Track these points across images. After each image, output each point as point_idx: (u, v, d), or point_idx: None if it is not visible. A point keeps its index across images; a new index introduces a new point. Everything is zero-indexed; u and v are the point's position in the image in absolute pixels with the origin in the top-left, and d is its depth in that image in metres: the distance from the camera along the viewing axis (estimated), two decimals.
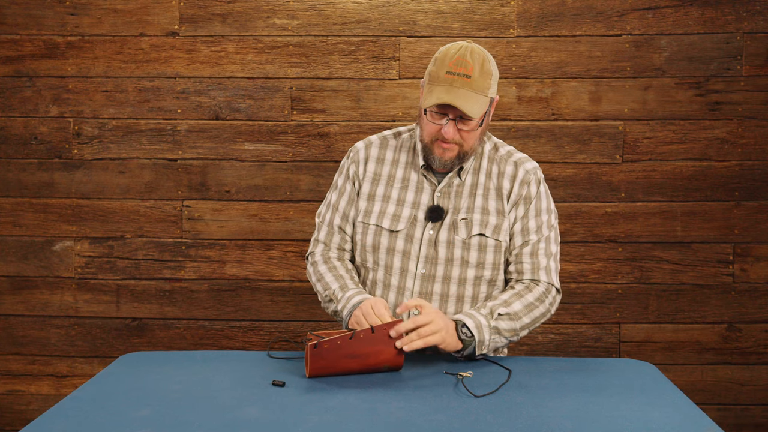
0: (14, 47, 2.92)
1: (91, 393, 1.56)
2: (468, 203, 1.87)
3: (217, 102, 2.90)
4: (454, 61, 1.73)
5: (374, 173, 1.93)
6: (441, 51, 1.78)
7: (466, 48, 1.76)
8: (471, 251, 1.85)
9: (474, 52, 1.75)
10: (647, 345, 2.89)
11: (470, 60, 1.73)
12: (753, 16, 2.82)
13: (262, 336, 2.94)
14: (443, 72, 1.74)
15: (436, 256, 1.86)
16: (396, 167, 1.93)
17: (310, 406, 1.47)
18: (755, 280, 2.87)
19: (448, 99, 1.71)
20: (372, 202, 1.91)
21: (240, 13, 2.88)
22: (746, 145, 2.85)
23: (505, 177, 1.89)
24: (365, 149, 1.96)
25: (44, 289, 2.95)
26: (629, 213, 2.87)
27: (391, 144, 1.96)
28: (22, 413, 2.99)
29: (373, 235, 1.89)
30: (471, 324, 1.73)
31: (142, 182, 2.93)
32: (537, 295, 1.85)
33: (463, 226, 1.86)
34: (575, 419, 1.42)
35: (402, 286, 1.87)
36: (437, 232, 1.86)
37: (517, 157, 1.93)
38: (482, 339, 1.74)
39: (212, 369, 1.72)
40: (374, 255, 1.90)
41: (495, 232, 1.86)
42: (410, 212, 1.88)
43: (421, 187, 1.89)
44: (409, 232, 1.87)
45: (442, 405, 1.49)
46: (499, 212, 1.88)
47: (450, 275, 1.86)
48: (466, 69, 1.72)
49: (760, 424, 2.91)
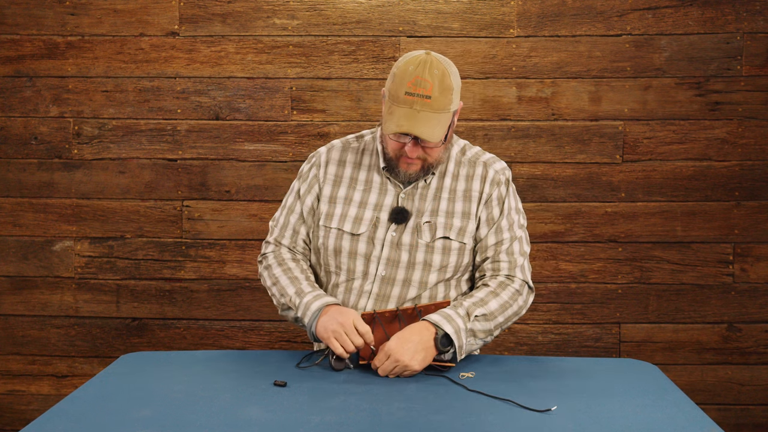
0: (14, 47, 2.91)
1: (91, 393, 1.56)
2: (432, 206, 1.85)
3: (217, 102, 2.90)
4: (413, 81, 1.68)
5: (335, 176, 1.91)
6: (399, 66, 1.73)
7: (424, 64, 1.70)
8: (434, 254, 1.83)
9: (433, 67, 1.70)
10: (647, 345, 2.89)
11: (429, 78, 1.68)
12: (753, 16, 2.82)
13: (262, 336, 2.94)
14: (402, 92, 1.69)
15: (398, 259, 1.83)
16: (358, 170, 1.90)
17: (312, 406, 1.47)
18: (755, 280, 2.87)
19: (408, 127, 1.69)
20: (333, 204, 1.88)
21: (240, 13, 2.88)
22: (746, 145, 2.85)
23: (474, 179, 1.88)
24: (327, 153, 1.94)
25: (44, 289, 2.95)
26: (629, 213, 2.87)
27: (353, 147, 1.94)
28: (22, 413, 2.99)
29: (335, 238, 1.86)
30: (451, 332, 1.70)
31: (142, 182, 2.92)
32: (511, 293, 1.83)
33: (426, 229, 1.83)
34: (576, 419, 1.42)
35: (361, 289, 1.85)
36: (400, 234, 1.83)
37: (485, 158, 1.92)
38: (460, 344, 1.72)
39: (213, 369, 1.72)
40: (336, 259, 1.87)
41: (459, 235, 1.85)
42: (372, 214, 1.85)
43: (384, 189, 1.87)
44: (370, 234, 1.84)
45: (443, 405, 1.49)
46: (464, 214, 1.86)
47: (410, 279, 1.84)
48: (425, 89, 1.68)
49: (760, 424, 2.91)
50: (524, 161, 2.87)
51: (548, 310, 2.90)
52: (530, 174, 2.88)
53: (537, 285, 2.88)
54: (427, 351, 1.68)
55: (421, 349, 1.67)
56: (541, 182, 2.88)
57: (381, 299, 1.84)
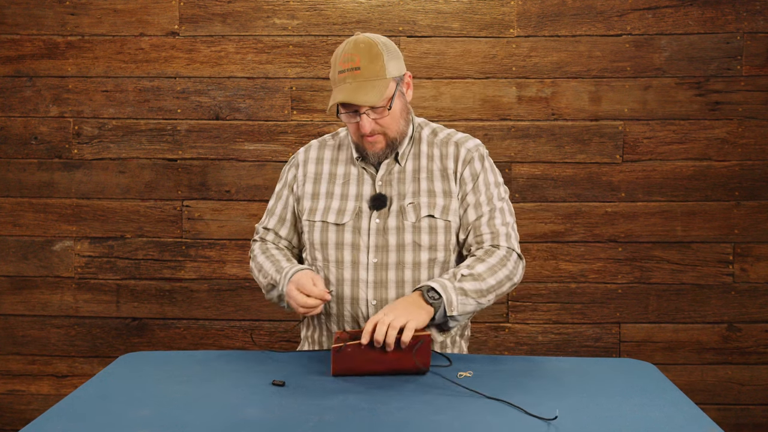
0: (14, 47, 2.92)
1: (91, 393, 1.56)
2: (413, 188, 1.88)
3: (217, 102, 2.90)
4: (342, 59, 1.76)
5: (315, 173, 1.95)
6: (335, 53, 1.81)
7: (352, 43, 1.77)
8: (422, 234, 1.85)
9: (359, 42, 1.76)
10: (647, 345, 2.89)
11: (356, 52, 1.75)
12: (753, 16, 2.82)
13: (262, 336, 2.94)
14: (336, 73, 1.77)
15: (386, 243, 1.85)
16: (336, 165, 1.94)
17: (311, 406, 1.47)
18: (755, 280, 2.87)
19: (341, 97, 1.74)
20: (316, 200, 1.92)
21: (240, 13, 2.88)
22: (746, 145, 2.85)
23: (448, 158, 1.90)
24: (304, 152, 1.99)
25: (44, 289, 2.95)
26: (629, 213, 2.87)
27: (329, 144, 1.98)
28: (22, 413, 2.99)
29: (320, 231, 1.89)
30: (436, 286, 1.72)
31: (142, 182, 2.93)
32: (498, 258, 1.83)
33: (411, 210, 1.86)
34: (576, 419, 1.42)
35: (355, 278, 1.86)
36: (384, 220, 1.86)
37: (457, 138, 1.94)
38: (449, 298, 1.72)
39: (212, 369, 1.72)
40: (323, 252, 1.89)
41: (444, 213, 1.87)
42: (354, 204, 1.88)
43: (362, 179, 1.90)
44: (355, 224, 1.87)
45: (442, 405, 1.49)
46: (446, 193, 1.88)
47: (403, 261, 1.85)
48: (354, 62, 1.74)
49: (760, 424, 2.91)
50: (524, 161, 2.87)
51: (548, 310, 2.90)
52: (530, 174, 2.88)
53: (537, 285, 2.88)
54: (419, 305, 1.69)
55: (409, 304, 1.69)
56: (541, 182, 2.88)
57: (379, 286, 1.85)
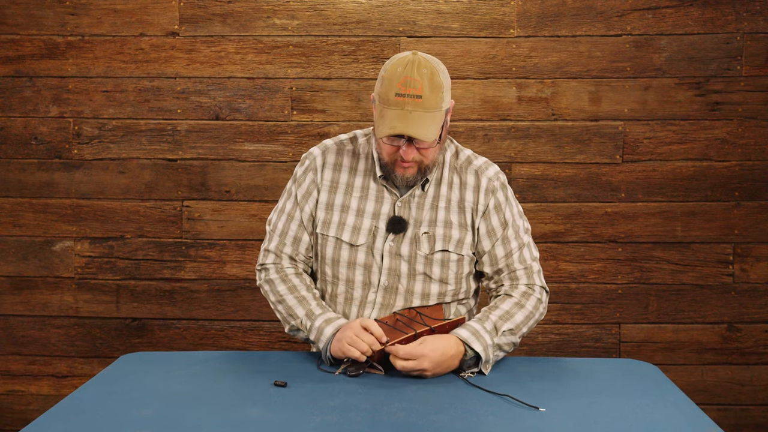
0: (14, 47, 2.91)
1: (91, 393, 1.56)
2: (430, 216, 1.82)
3: (217, 102, 2.90)
4: (402, 82, 1.66)
5: (331, 181, 1.86)
6: (387, 69, 1.70)
7: (412, 64, 1.67)
8: (434, 266, 1.81)
9: (421, 66, 1.67)
10: (647, 345, 2.89)
11: (418, 77, 1.66)
12: (753, 16, 2.82)
13: (262, 336, 2.94)
14: (392, 94, 1.66)
15: (398, 268, 1.81)
16: (354, 175, 1.86)
17: (312, 406, 1.47)
18: (755, 280, 2.87)
19: (401, 128, 1.65)
20: (330, 212, 1.85)
21: (240, 13, 2.88)
22: (746, 145, 2.85)
23: (467, 188, 1.84)
24: (321, 156, 1.88)
25: (44, 289, 2.95)
26: (629, 213, 2.87)
27: (347, 149, 1.88)
28: (22, 413, 2.99)
29: (333, 248, 1.84)
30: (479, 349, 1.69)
31: (142, 182, 2.92)
32: (534, 303, 1.83)
33: (425, 240, 1.81)
34: (576, 420, 1.42)
35: (364, 298, 1.83)
36: (399, 244, 1.81)
37: (477, 165, 1.87)
38: (488, 358, 1.71)
39: (213, 369, 1.72)
40: (334, 269, 1.84)
41: (458, 247, 1.82)
42: (371, 223, 1.82)
43: (381, 197, 1.84)
44: (369, 244, 1.82)
45: (444, 405, 1.49)
46: (461, 226, 1.83)
47: (412, 290, 1.82)
48: (416, 88, 1.65)
49: (760, 424, 2.91)
50: (524, 161, 2.87)
51: (548, 311, 2.90)
52: (530, 174, 2.88)
53: None
54: (450, 368, 1.69)
55: (446, 366, 1.68)
56: (541, 182, 2.88)
57: (385, 308, 1.83)
